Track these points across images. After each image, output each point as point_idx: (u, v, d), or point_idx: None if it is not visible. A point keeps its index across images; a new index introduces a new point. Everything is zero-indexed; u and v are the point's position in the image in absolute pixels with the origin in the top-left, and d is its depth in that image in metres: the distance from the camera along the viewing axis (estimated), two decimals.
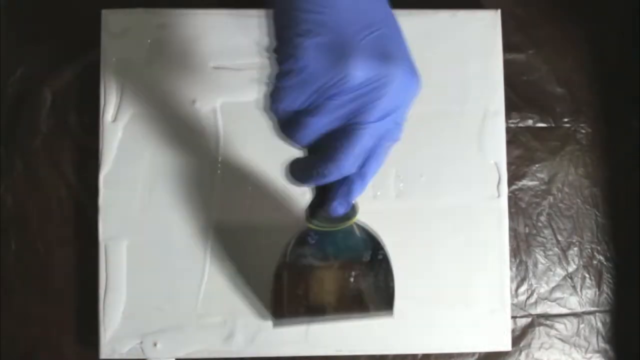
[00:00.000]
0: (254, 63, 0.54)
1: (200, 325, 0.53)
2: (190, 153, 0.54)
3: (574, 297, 0.58)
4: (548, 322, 0.58)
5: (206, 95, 0.54)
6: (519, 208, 0.59)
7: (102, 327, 0.52)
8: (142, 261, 0.53)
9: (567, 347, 0.58)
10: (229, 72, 0.54)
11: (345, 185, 0.37)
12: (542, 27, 0.60)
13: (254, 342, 0.53)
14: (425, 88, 0.55)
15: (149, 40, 0.54)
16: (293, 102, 0.33)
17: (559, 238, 0.59)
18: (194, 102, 0.54)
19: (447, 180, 0.54)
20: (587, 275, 0.59)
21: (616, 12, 0.61)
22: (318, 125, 0.33)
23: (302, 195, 0.53)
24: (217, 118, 0.54)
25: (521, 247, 0.58)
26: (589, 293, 0.58)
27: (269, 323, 0.52)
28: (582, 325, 0.58)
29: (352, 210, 0.42)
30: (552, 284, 0.58)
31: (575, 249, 0.59)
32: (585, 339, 0.58)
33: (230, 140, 0.54)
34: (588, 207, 0.59)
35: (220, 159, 0.54)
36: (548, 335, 0.58)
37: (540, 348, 0.58)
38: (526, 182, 0.59)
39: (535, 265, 0.58)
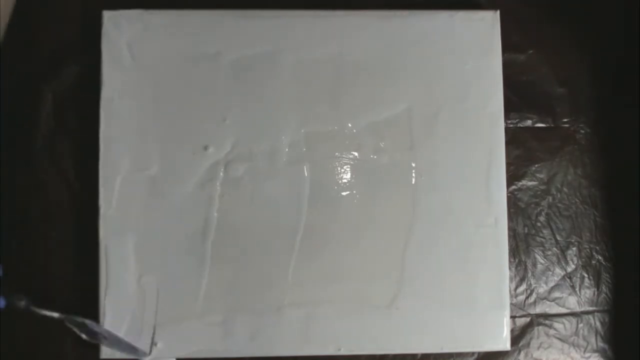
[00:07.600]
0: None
1: (201, 325, 0.53)
2: (191, 153, 0.54)
3: (573, 296, 0.58)
4: (547, 322, 0.58)
5: (208, 92, 0.54)
6: (518, 208, 0.59)
7: None
8: (143, 261, 0.53)
9: (565, 346, 0.58)
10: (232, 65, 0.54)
11: None
12: (541, 28, 0.60)
13: (254, 341, 0.53)
14: (425, 88, 0.56)
15: (148, 41, 0.54)
16: None
17: (558, 238, 0.59)
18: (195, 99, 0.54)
19: (447, 180, 0.55)
20: (585, 275, 0.59)
21: (616, 13, 0.61)
22: None
23: (302, 196, 0.53)
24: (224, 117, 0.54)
25: (520, 247, 0.58)
26: (588, 293, 0.59)
27: (269, 322, 0.53)
28: (580, 325, 0.58)
29: None
30: (551, 284, 0.58)
31: (574, 248, 0.59)
32: (584, 338, 0.58)
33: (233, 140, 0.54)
34: (587, 207, 0.59)
35: (222, 158, 0.54)
36: (547, 334, 0.58)
37: (539, 347, 0.58)
38: (525, 182, 0.59)
39: (534, 265, 0.58)
